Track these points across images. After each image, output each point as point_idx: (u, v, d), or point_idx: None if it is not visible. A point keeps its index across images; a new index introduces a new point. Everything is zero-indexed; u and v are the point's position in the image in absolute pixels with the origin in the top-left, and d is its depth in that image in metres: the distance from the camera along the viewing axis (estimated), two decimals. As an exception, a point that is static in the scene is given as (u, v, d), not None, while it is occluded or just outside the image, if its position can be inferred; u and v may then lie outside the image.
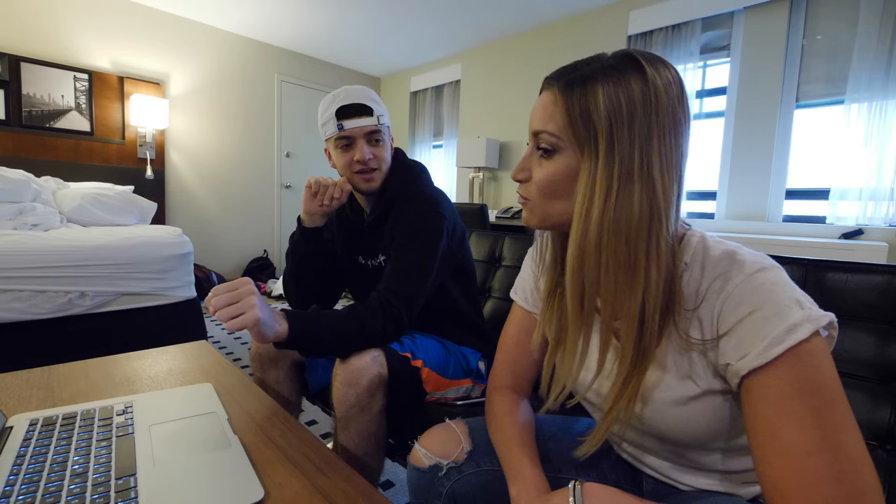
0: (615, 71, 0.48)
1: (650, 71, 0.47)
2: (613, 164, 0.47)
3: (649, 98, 0.46)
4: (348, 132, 0.97)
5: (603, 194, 0.47)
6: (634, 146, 0.46)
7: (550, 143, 0.51)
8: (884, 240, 2.14)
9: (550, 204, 0.54)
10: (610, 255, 0.48)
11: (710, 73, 2.81)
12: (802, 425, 0.39)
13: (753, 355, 0.42)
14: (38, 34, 3.04)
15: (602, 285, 0.49)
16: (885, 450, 0.67)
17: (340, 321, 0.84)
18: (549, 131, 0.51)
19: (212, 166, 3.94)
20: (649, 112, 0.46)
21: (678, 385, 0.50)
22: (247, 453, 0.60)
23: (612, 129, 0.46)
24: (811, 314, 0.41)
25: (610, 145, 0.47)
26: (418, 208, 0.98)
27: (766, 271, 0.44)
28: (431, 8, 3.31)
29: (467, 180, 4.13)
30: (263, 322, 0.71)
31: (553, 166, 0.52)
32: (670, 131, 0.47)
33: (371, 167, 1.00)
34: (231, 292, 0.69)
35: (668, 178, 0.47)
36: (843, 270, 0.76)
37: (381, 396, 0.85)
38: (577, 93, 0.48)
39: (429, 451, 0.64)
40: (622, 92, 0.47)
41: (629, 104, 0.46)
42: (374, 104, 0.98)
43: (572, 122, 0.49)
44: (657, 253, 0.47)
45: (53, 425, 0.64)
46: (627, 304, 0.48)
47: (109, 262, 1.96)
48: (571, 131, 0.49)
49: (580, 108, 0.48)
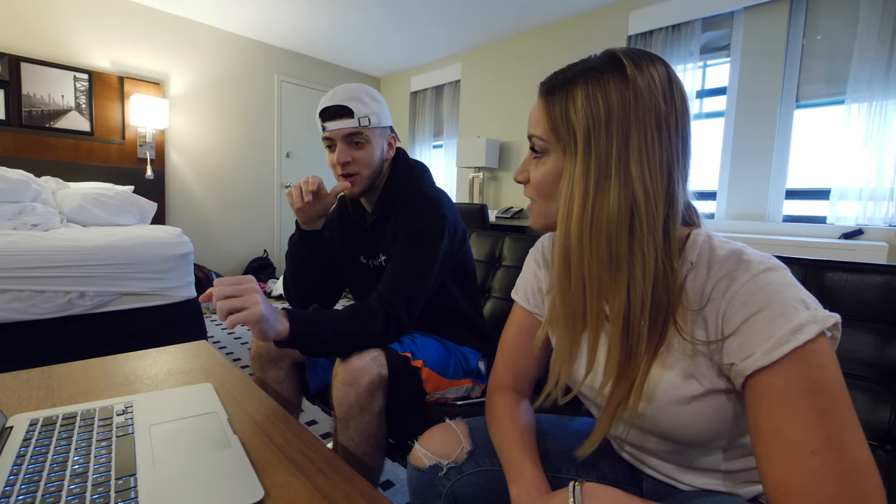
0: (595, 72, 0.49)
1: (631, 69, 0.47)
2: (590, 164, 0.48)
3: (627, 97, 0.47)
4: (329, 133, 0.97)
5: (581, 193, 0.48)
6: (612, 145, 0.47)
7: (539, 146, 0.54)
8: (884, 240, 2.14)
9: (548, 204, 0.56)
10: (592, 253, 0.49)
11: (710, 73, 2.81)
12: (806, 425, 0.39)
13: (759, 355, 0.42)
14: (38, 34, 3.04)
15: (587, 283, 0.50)
16: (885, 450, 0.67)
17: (341, 321, 0.84)
18: (537, 135, 0.54)
19: (212, 166, 3.94)
20: (628, 110, 0.47)
21: (682, 384, 0.50)
22: (247, 453, 0.60)
23: (588, 129, 0.48)
24: (817, 315, 0.41)
25: (587, 145, 0.48)
26: (420, 209, 0.98)
27: (772, 271, 0.44)
28: (432, 8, 3.31)
29: (467, 180, 4.13)
30: (266, 319, 0.70)
31: (544, 168, 0.54)
32: (653, 129, 0.47)
33: (349, 171, 0.98)
34: (235, 286, 0.69)
35: (652, 175, 0.47)
36: (843, 270, 0.76)
37: (381, 396, 0.85)
38: (558, 97, 0.51)
39: (429, 451, 0.64)
40: (600, 93, 0.48)
41: (606, 104, 0.47)
42: (358, 105, 0.95)
43: (554, 125, 0.51)
44: (641, 252, 0.47)
45: (53, 425, 0.64)
46: (611, 301, 0.49)
47: (109, 262, 1.96)
48: (554, 134, 0.51)
49: (560, 112, 0.50)
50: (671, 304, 0.49)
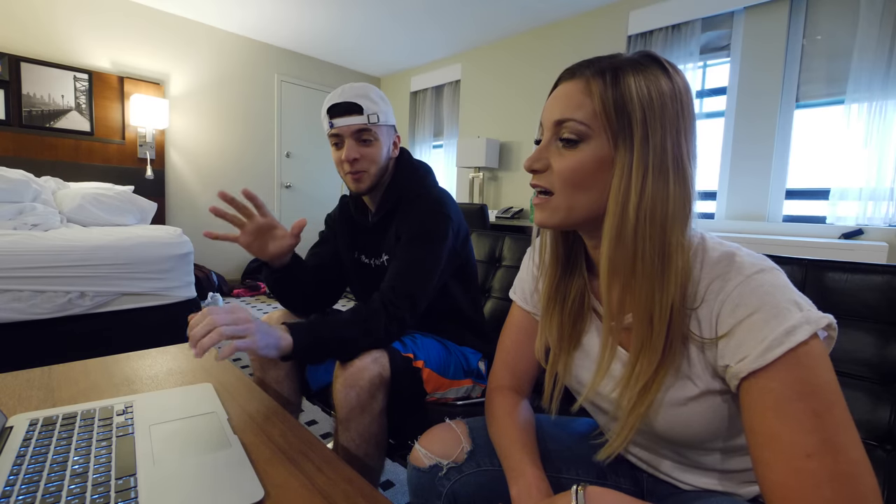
0: (642, 65, 0.49)
1: (672, 71, 0.49)
2: (648, 154, 0.47)
3: (676, 94, 0.48)
4: (337, 130, 0.96)
5: (639, 183, 0.47)
6: (667, 137, 0.47)
7: (578, 131, 0.50)
8: (884, 240, 2.14)
9: (575, 196, 0.51)
10: (647, 243, 0.48)
11: (710, 73, 2.81)
12: (801, 428, 0.39)
13: (752, 358, 0.42)
14: (38, 34, 3.04)
15: (637, 276, 0.49)
16: (885, 450, 0.67)
17: (343, 326, 0.84)
18: (577, 119, 0.50)
19: (212, 166, 3.94)
20: (677, 107, 0.48)
21: (677, 385, 0.50)
22: (247, 453, 0.60)
23: (645, 118, 0.47)
24: (810, 316, 0.42)
25: (644, 134, 0.47)
26: (426, 208, 0.98)
27: (764, 273, 0.44)
28: (432, 8, 3.31)
29: (467, 180, 4.13)
30: (261, 348, 0.73)
31: (579, 156, 0.50)
32: (692, 128, 0.49)
33: (357, 168, 0.97)
34: (230, 315, 0.70)
35: (694, 171, 0.49)
36: (843, 270, 0.76)
37: (382, 397, 0.85)
38: (610, 81, 0.49)
39: (429, 451, 0.64)
40: (652, 85, 0.48)
41: (660, 97, 0.47)
42: (367, 102, 0.95)
43: (605, 109, 0.49)
44: (683, 243, 0.48)
45: (53, 425, 0.64)
46: (660, 295, 0.48)
47: (109, 262, 1.96)
48: (605, 119, 0.49)
49: (613, 96, 0.48)
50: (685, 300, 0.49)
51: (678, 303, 0.48)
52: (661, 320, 0.48)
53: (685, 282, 0.48)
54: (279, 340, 0.77)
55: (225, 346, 0.68)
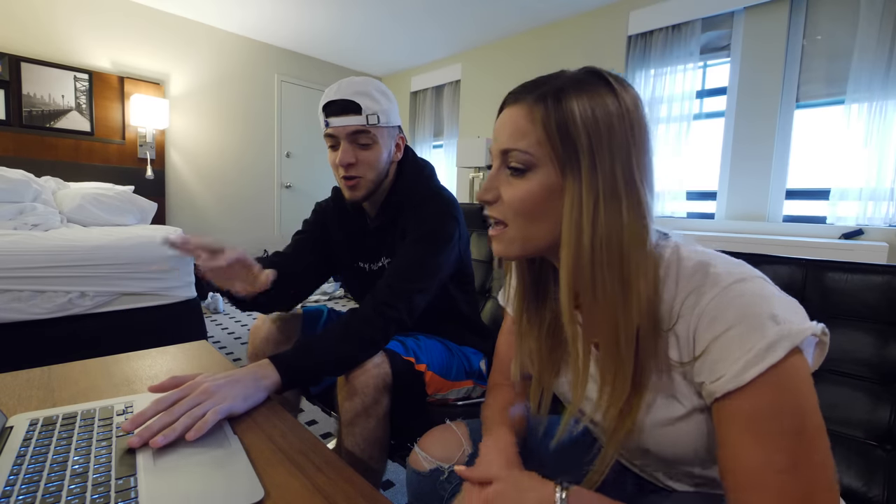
0: (586, 85, 0.47)
1: (617, 87, 0.47)
2: (598, 182, 0.45)
3: (623, 113, 0.46)
4: (332, 131, 0.90)
5: (590, 212, 0.45)
6: (616, 162, 0.45)
7: (523, 160, 0.48)
8: (884, 240, 2.13)
9: (529, 227, 0.50)
10: (605, 270, 0.46)
11: (710, 73, 2.80)
12: (775, 447, 0.39)
13: (728, 378, 0.41)
14: (38, 34, 3.04)
15: (599, 303, 0.47)
16: (885, 450, 0.67)
17: (338, 343, 0.80)
18: (520, 149, 0.48)
19: (212, 166, 3.94)
20: (625, 127, 0.46)
21: (664, 405, 0.49)
22: (247, 453, 0.60)
23: (591, 145, 0.45)
24: (789, 330, 0.40)
25: (592, 162, 0.45)
26: (435, 209, 0.96)
27: (741, 283, 0.43)
28: (432, 8, 3.31)
29: (467, 180, 4.12)
30: (243, 406, 0.67)
31: (527, 186, 0.49)
32: (644, 146, 0.47)
33: (352, 174, 0.90)
34: (188, 402, 0.61)
35: (649, 190, 0.47)
36: (843, 270, 0.76)
37: (386, 401, 0.84)
38: (551, 106, 0.46)
39: (429, 454, 0.64)
40: (598, 106, 0.45)
41: (606, 117, 0.45)
42: (367, 100, 0.88)
43: (549, 137, 0.47)
44: (644, 266, 0.46)
45: (53, 425, 0.64)
46: (624, 320, 0.46)
47: (109, 262, 1.96)
48: (549, 148, 0.47)
49: (556, 122, 0.46)
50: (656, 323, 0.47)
51: (646, 326, 0.46)
52: (627, 345, 0.46)
53: (653, 304, 0.46)
54: (261, 381, 0.71)
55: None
